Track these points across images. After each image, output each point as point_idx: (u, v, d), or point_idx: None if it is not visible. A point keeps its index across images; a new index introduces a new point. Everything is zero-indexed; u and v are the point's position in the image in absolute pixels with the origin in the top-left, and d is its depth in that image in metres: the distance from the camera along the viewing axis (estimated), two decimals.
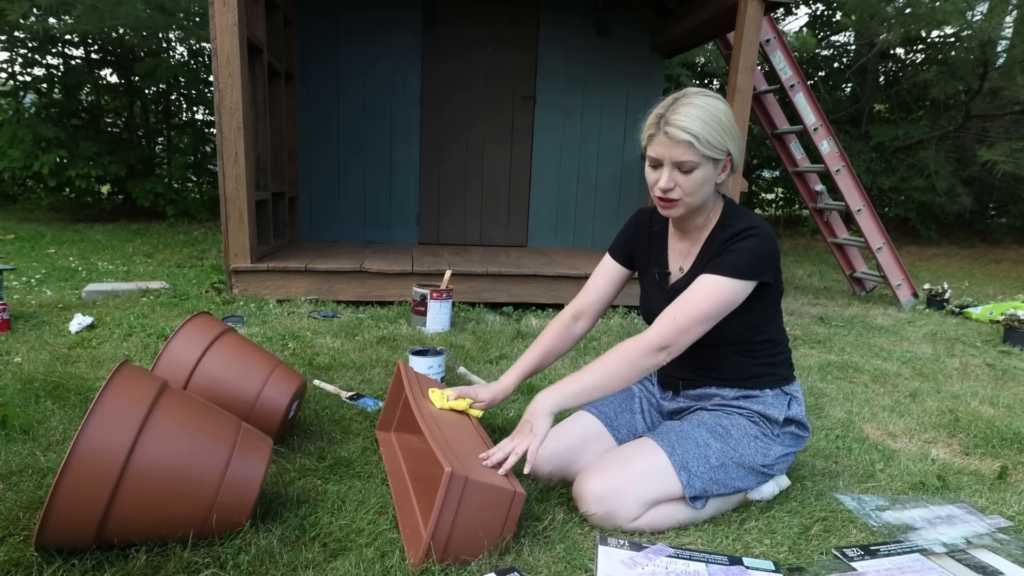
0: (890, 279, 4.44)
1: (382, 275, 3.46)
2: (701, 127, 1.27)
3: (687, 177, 1.31)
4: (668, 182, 1.32)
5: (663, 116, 1.30)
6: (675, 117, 1.28)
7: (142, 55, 7.31)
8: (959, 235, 8.98)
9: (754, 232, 1.34)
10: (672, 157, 1.30)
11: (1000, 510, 1.54)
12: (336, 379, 2.21)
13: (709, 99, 1.31)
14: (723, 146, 1.31)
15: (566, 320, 1.62)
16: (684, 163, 1.30)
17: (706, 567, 1.21)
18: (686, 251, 1.48)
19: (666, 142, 1.29)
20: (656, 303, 1.49)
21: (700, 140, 1.27)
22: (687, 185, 1.32)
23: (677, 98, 1.31)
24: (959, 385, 2.60)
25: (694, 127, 1.27)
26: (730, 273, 1.32)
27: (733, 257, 1.33)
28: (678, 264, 1.49)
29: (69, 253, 4.72)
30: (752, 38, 3.57)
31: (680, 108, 1.29)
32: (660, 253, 1.53)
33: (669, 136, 1.28)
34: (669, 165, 1.31)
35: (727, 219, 1.41)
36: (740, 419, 1.44)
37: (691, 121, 1.27)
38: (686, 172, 1.31)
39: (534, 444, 1.27)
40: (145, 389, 1.17)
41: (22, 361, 2.19)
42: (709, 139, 1.28)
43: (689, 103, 1.29)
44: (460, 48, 4.77)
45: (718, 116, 1.29)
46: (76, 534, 1.08)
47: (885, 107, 9.66)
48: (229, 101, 3.15)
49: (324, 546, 1.21)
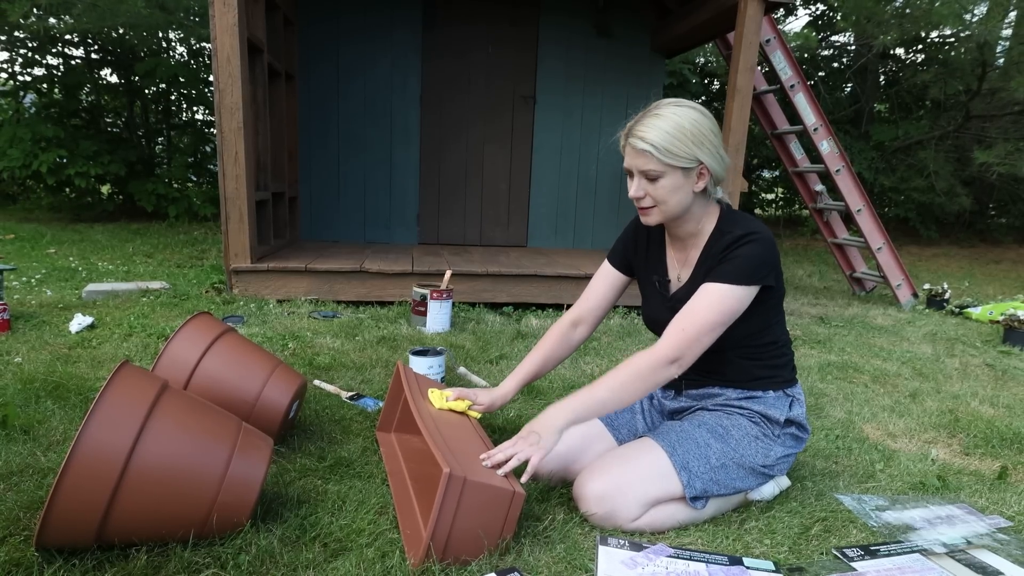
0: (890, 279, 4.44)
1: (382, 275, 3.46)
2: (660, 136, 1.30)
3: (654, 185, 1.35)
4: (637, 191, 1.37)
5: (630, 128, 1.35)
6: (638, 128, 1.33)
7: (142, 55, 7.31)
8: (959, 235, 8.99)
9: (753, 237, 1.34)
10: (637, 166, 1.35)
11: (1000, 510, 1.54)
12: (336, 379, 2.21)
13: (678, 109, 1.32)
14: (688, 154, 1.31)
15: (565, 326, 1.62)
16: (648, 172, 1.33)
17: (706, 567, 1.21)
18: (683, 259, 1.48)
19: (631, 152, 1.35)
20: (658, 311, 1.50)
21: (659, 149, 1.30)
22: (656, 193, 1.35)
23: (648, 110, 1.35)
24: (959, 385, 2.60)
25: (652, 136, 1.30)
26: (733, 280, 1.33)
27: (734, 264, 1.33)
28: (676, 273, 1.50)
29: (69, 253, 4.72)
30: (752, 38, 3.57)
31: (645, 119, 1.33)
32: (659, 261, 1.54)
33: (632, 146, 1.34)
34: (637, 174, 1.36)
35: (724, 226, 1.41)
36: (741, 419, 1.44)
37: (651, 131, 1.31)
38: (652, 180, 1.34)
39: (537, 456, 1.26)
40: (145, 389, 1.17)
41: (22, 361, 2.19)
42: (669, 148, 1.30)
43: (655, 114, 1.33)
44: (460, 48, 4.77)
45: (682, 125, 1.30)
46: (77, 534, 1.08)
47: (885, 107, 9.66)
48: (229, 101, 3.15)
49: (324, 546, 1.21)
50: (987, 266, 7.21)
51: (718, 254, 1.37)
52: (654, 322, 1.53)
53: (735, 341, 1.41)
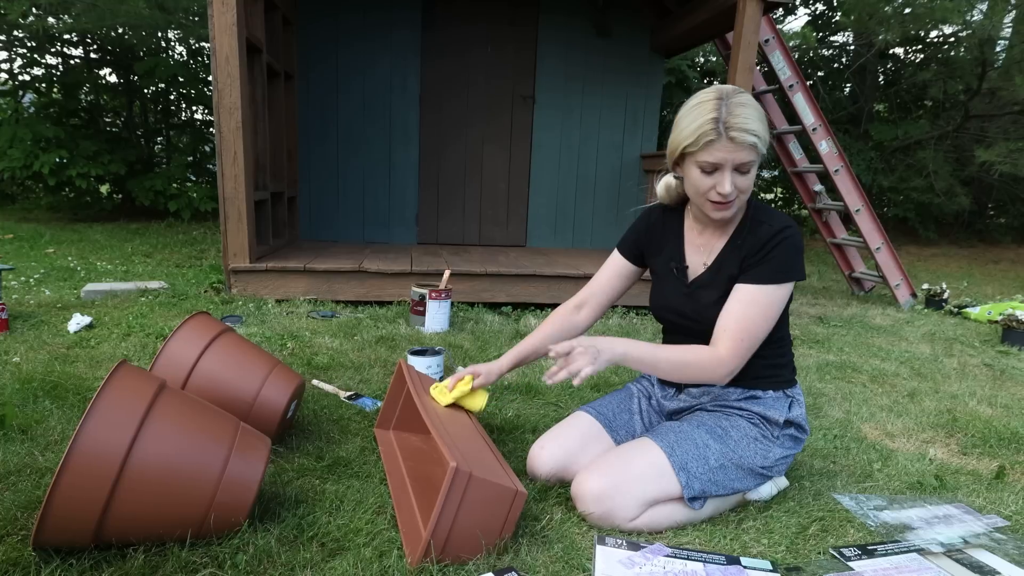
0: (889, 279, 4.44)
1: (381, 275, 3.46)
2: (761, 127, 1.25)
3: (745, 177, 1.30)
4: (731, 186, 1.28)
5: (721, 120, 1.24)
6: (738, 120, 1.24)
7: (141, 55, 7.31)
8: (958, 235, 8.99)
9: (790, 232, 1.34)
10: (736, 160, 1.26)
11: (997, 510, 1.54)
12: (335, 379, 2.21)
13: (750, 96, 1.30)
14: (768, 141, 1.30)
15: (569, 308, 1.62)
16: (746, 164, 1.27)
17: (704, 567, 1.21)
18: (707, 245, 1.46)
19: (730, 147, 1.25)
20: (673, 298, 1.49)
21: (761, 139, 1.26)
22: (744, 185, 1.30)
23: (722, 99, 1.26)
24: (957, 385, 2.60)
25: (757, 128, 1.25)
26: (778, 279, 1.33)
27: (777, 263, 1.33)
28: (700, 259, 1.47)
29: (68, 253, 4.72)
30: (751, 38, 3.57)
31: (736, 109, 1.25)
32: (676, 247, 1.52)
33: (734, 140, 1.24)
34: (730, 169, 1.28)
35: (756, 214, 1.40)
36: (740, 420, 1.44)
37: (754, 122, 1.25)
38: (745, 173, 1.29)
39: (589, 369, 1.24)
40: (143, 389, 1.17)
41: (20, 361, 2.19)
42: (765, 136, 1.27)
43: (741, 103, 1.26)
44: (459, 48, 4.77)
45: (762, 111, 1.29)
46: (74, 534, 1.08)
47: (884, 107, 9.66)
48: (228, 101, 3.15)
49: (322, 546, 1.21)
50: (986, 266, 7.21)
51: (758, 249, 1.35)
52: (666, 309, 1.51)
53: None
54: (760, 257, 1.35)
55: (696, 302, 1.44)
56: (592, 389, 2.27)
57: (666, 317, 1.52)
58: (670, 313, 1.50)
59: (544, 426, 1.81)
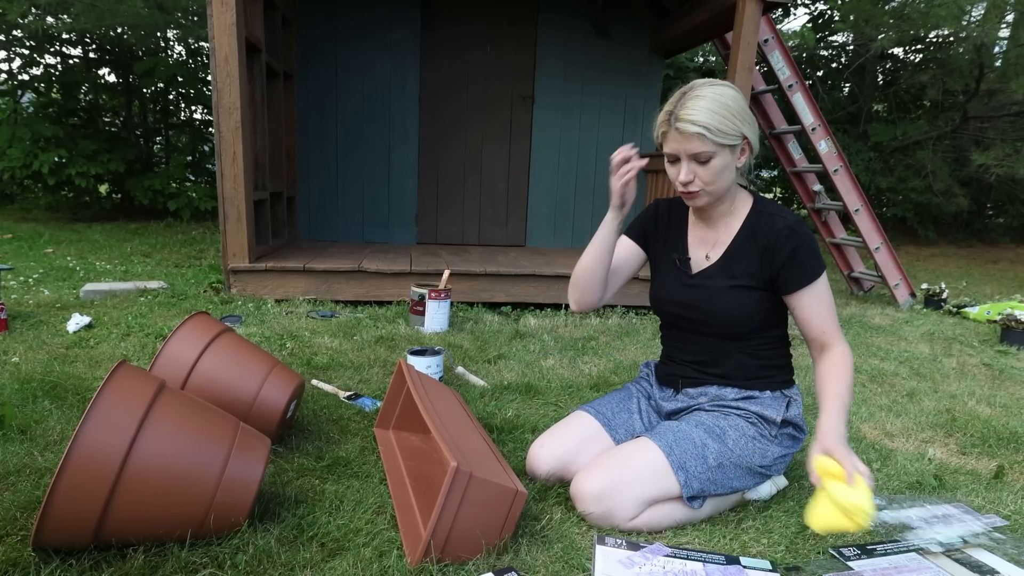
0: (888, 279, 4.45)
1: (380, 275, 3.46)
2: (710, 117, 1.28)
3: (705, 168, 1.33)
4: (688, 175, 1.34)
5: (672, 112, 1.32)
6: (683, 112, 1.30)
7: (140, 54, 7.30)
8: (956, 235, 9.00)
9: (801, 228, 1.38)
10: (687, 150, 1.32)
11: (996, 509, 1.55)
12: (334, 379, 2.21)
13: (716, 88, 1.31)
14: (736, 131, 1.31)
15: None
16: (700, 154, 1.31)
17: (703, 566, 1.21)
18: (711, 239, 1.47)
19: (678, 137, 1.31)
20: (674, 289, 1.50)
21: (711, 130, 1.28)
22: (706, 175, 1.34)
23: (684, 92, 1.33)
24: (956, 385, 2.60)
25: (703, 118, 1.28)
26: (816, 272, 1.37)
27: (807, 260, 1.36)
28: (703, 252, 1.48)
29: (67, 253, 4.72)
30: (750, 38, 3.57)
31: (688, 102, 1.30)
32: (679, 240, 1.53)
33: (680, 131, 1.30)
34: (686, 158, 1.33)
35: (761, 207, 1.42)
36: (738, 420, 1.44)
37: (699, 113, 1.28)
38: (703, 163, 1.33)
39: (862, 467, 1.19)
40: (143, 389, 1.17)
41: (20, 361, 2.19)
42: (720, 127, 1.29)
43: (696, 95, 1.30)
44: (459, 48, 4.77)
45: (726, 103, 1.30)
46: (74, 534, 1.08)
47: (883, 107, 9.67)
48: (227, 101, 3.14)
49: (322, 546, 1.21)
50: (984, 266, 7.22)
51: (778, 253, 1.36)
52: (668, 302, 1.51)
53: (744, 331, 1.42)
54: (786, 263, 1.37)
55: (700, 292, 1.45)
56: (591, 389, 2.27)
57: (668, 310, 1.52)
58: (673, 306, 1.50)
59: (544, 426, 1.81)
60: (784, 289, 1.39)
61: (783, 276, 1.38)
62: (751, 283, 1.40)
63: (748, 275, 1.40)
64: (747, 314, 1.40)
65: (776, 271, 1.38)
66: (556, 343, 2.87)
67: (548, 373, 2.42)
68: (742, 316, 1.40)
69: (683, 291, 1.48)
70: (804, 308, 1.39)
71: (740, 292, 1.40)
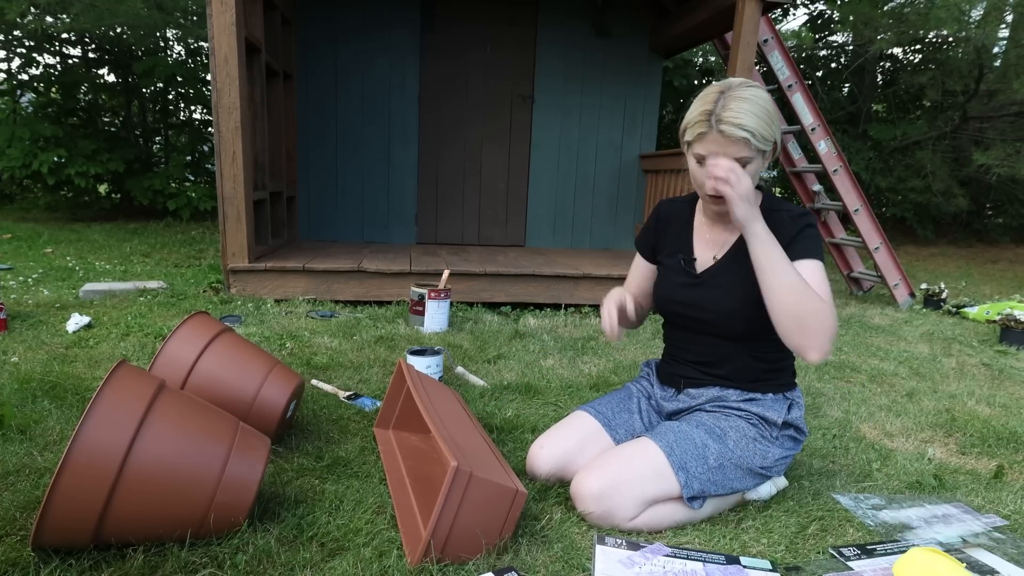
0: (887, 279, 4.45)
1: (380, 275, 3.46)
2: (755, 122, 1.25)
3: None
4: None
5: (713, 113, 1.26)
6: (728, 114, 1.24)
7: (140, 54, 7.30)
8: (956, 235, 9.00)
9: (812, 218, 1.36)
10: (728, 154, 1.27)
11: (996, 509, 1.55)
12: (334, 379, 2.21)
13: (755, 90, 1.28)
14: (773, 137, 1.30)
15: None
16: (741, 159, 1.27)
17: (703, 566, 1.21)
18: (719, 240, 1.46)
19: (720, 140, 1.26)
20: (678, 289, 1.49)
21: (756, 136, 1.25)
22: None
23: (724, 92, 1.28)
24: (956, 385, 2.60)
25: (749, 123, 1.24)
26: (820, 255, 1.34)
27: (814, 241, 1.34)
28: (710, 253, 1.47)
29: (66, 253, 4.71)
30: (750, 38, 3.57)
31: (731, 104, 1.25)
32: (684, 240, 1.52)
33: (724, 134, 1.25)
34: None
35: (771, 204, 1.41)
36: (738, 421, 1.44)
37: (745, 117, 1.24)
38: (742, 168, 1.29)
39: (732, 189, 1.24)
40: (142, 389, 1.17)
41: (19, 361, 2.19)
42: (763, 133, 1.26)
43: (739, 97, 1.26)
44: (458, 48, 4.77)
45: (766, 108, 1.27)
46: (73, 534, 1.08)
47: (883, 107, 9.67)
48: (227, 100, 3.14)
49: (322, 546, 1.21)
50: (984, 266, 7.22)
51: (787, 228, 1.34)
52: (672, 301, 1.50)
53: (751, 333, 1.41)
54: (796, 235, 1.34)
55: (704, 292, 1.44)
56: (591, 389, 2.27)
57: (672, 309, 1.51)
58: (676, 305, 1.50)
59: (543, 426, 1.82)
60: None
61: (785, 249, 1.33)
62: (756, 282, 1.39)
63: (752, 274, 1.39)
64: (752, 315, 1.39)
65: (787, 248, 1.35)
66: (556, 343, 2.87)
67: (548, 373, 2.42)
68: (746, 317, 1.40)
69: (686, 291, 1.47)
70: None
71: (744, 292, 1.39)
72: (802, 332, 1.25)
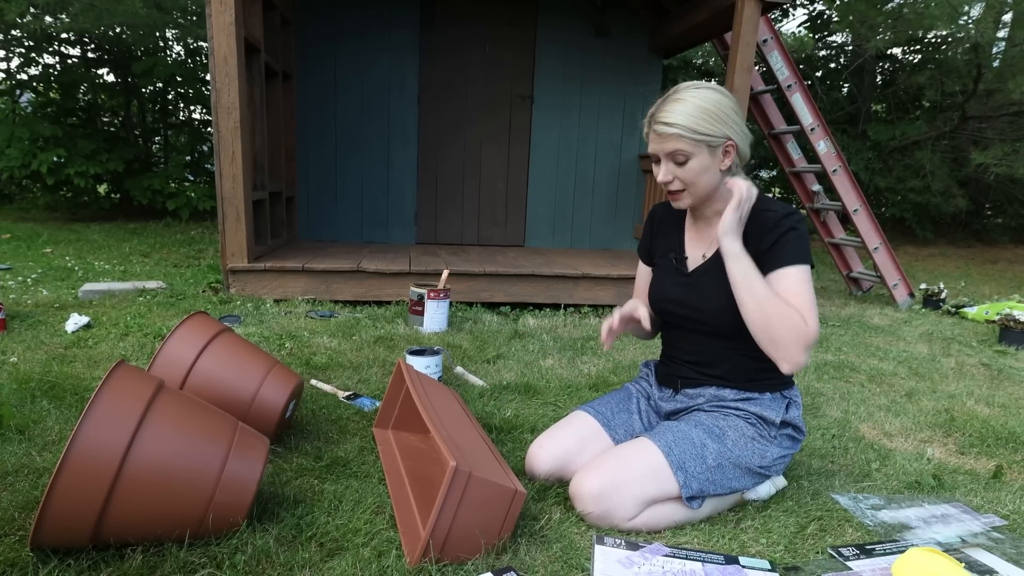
0: (887, 279, 4.45)
1: (379, 275, 3.46)
2: (685, 118, 1.33)
3: (683, 168, 1.37)
4: (665, 175, 1.39)
5: (653, 114, 1.38)
6: (661, 114, 1.35)
7: (139, 54, 7.29)
8: (955, 235, 9.01)
9: (798, 218, 1.37)
10: (664, 150, 1.37)
11: (995, 509, 1.55)
12: (333, 379, 2.21)
13: (698, 91, 1.35)
14: (716, 132, 1.33)
15: None
16: (675, 154, 1.36)
17: (702, 566, 1.21)
18: (708, 237, 1.49)
19: (656, 138, 1.37)
20: (670, 288, 1.51)
21: (685, 129, 1.32)
22: (685, 175, 1.38)
23: (667, 96, 1.38)
24: (955, 385, 2.60)
25: (677, 119, 1.33)
26: (803, 260, 1.35)
27: (796, 245, 1.35)
28: (700, 251, 1.50)
29: (65, 252, 4.71)
30: (749, 38, 3.57)
31: (666, 104, 1.35)
32: (676, 240, 1.56)
33: (657, 132, 1.36)
34: (664, 158, 1.38)
35: (761, 204, 1.41)
36: (737, 421, 1.44)
37: (674, 115, 1.33)
38: (680, 163, 1.37)
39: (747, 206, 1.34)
40: (141, 389, 1.17)
41: (18, 361, 2.19)
42: (695, 128, 1.32)
43: (676, 99, 1.35)
44: (458, 48, 4.77)
45: (704, 106, 1.33)
46: (72, 534, 1.08)
47: (882, 107, 9.68)
48: (226, 100, 3.14)
49: (321, 546, 1.21)
50: (983, 266, 7.23)
51: (771, 235, 1.36)
52: (665, 300, 1.52)
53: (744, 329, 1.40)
54: (776, 242, 1.35)
55: (696, 291, 1.46)
56: (590, 389, 2.27)
57: (665, 308, 1.53)
58: (670, 304, 1.51)
59: (543, 426, 1.82)
60: (763, 267, 1.36)
61: (765, 256, 1.36)
62: None
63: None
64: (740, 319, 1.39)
65: (760, 255, 1.37)
66: (555, 343, 2.87)
67: (547, 373, 2.42)
68: (735, 314, 1.39)
69: (678, 290, 1.49)
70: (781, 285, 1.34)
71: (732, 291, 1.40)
72: (773, 345, 1.32)
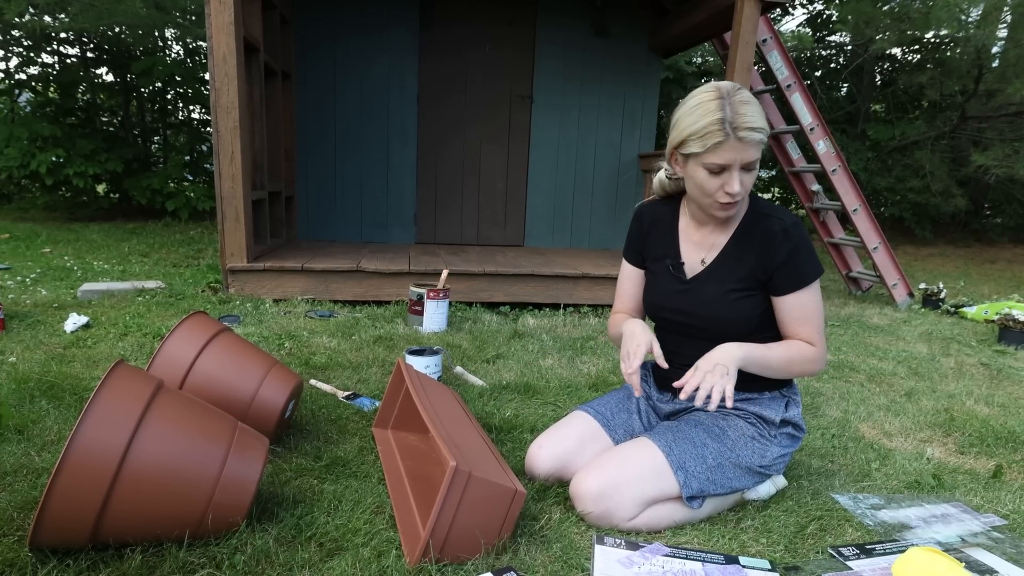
0: (886, 279, 4.45)
1: (379, 275, 3.46)
2: (764, 123, 1.26)
3: (750, 175, 1.30)
4: (739, 186, 1.28)
5: (727, 120, 1.23)
6: (746, 119, 1.23)
7: (138, 54, 7.29)
8: (954, 235, 9.01)
9: (801, 227, 1.37)
10: (744, 159, 1.26)
11: (995, 509, 1.55)
12: (332, 379, 2.21)
13: (748, 91, 1.30)
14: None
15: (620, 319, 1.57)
16: (752, 162, 1.28)
17: (702, 566, 1.21)
18: (707, 242, 1.45)
19: (739, 147, 1.24)
20: (668, 296, 1.48)
21: (766, 133, 1.27)
22: (749, 182, 1.31)
23: (723, 98, 1.25)
24: (954, 384, 2.60)
25: (763, 123, 1.25)
26: (816, 274, 1.37)
27: (809, 260, 1.36)
28: (698, 256, 1.46)
29: (64, 252, 4.71)
30: (749, 38, 3.57)
31: (741, 108, 1.24)
32: (670, 244, 1.51)
33: (743, 140, 1.24)
34: (739, 169, 1.28)
35: (757, 207, 1.41)
36: (737, 420, 1.44)
37: (759, 120, 1.25)
38: (750, 170, 1.29)
39: (731, 386, 1.24)
40: (140, 389, 1.17)
41: (17, 361, 2.18)
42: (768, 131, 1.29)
43: (745, 100, 1.25)
44: (457, 48, 4.77)
45: (760, 104, 1.30)
46: (71, 534, 1.08)
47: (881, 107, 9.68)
48: (225, 100, 3.14)
49: (320, 546, 1.21)
50: (982, 266, 7.23)
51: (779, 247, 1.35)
52: (662, 308, 1.50)
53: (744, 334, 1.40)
54: (789, 260, 1.35)
55: (695, 298, 1.44)
56: (590, 389, 2.27)
57: (663, 316, 1.51)
58: (667, 311, 1.49)
59: (543, 426, 1.82)
60: (775, 291, 1.38)
61: (777, 277, 1.37)
62: (746, 286, 1.39)
63: (742, 278, 1.39)
64: (744, 318, 1.39)
65: (771, 272, 1.37)
66: (555, 343, 2.87)
67: (547, 373, 2.42)
68: (738, 320, 1.40)
69: (677, 297, 1.46)
70: (788, 311, 1.39)
71: (735, 296, 1.39)
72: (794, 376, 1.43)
